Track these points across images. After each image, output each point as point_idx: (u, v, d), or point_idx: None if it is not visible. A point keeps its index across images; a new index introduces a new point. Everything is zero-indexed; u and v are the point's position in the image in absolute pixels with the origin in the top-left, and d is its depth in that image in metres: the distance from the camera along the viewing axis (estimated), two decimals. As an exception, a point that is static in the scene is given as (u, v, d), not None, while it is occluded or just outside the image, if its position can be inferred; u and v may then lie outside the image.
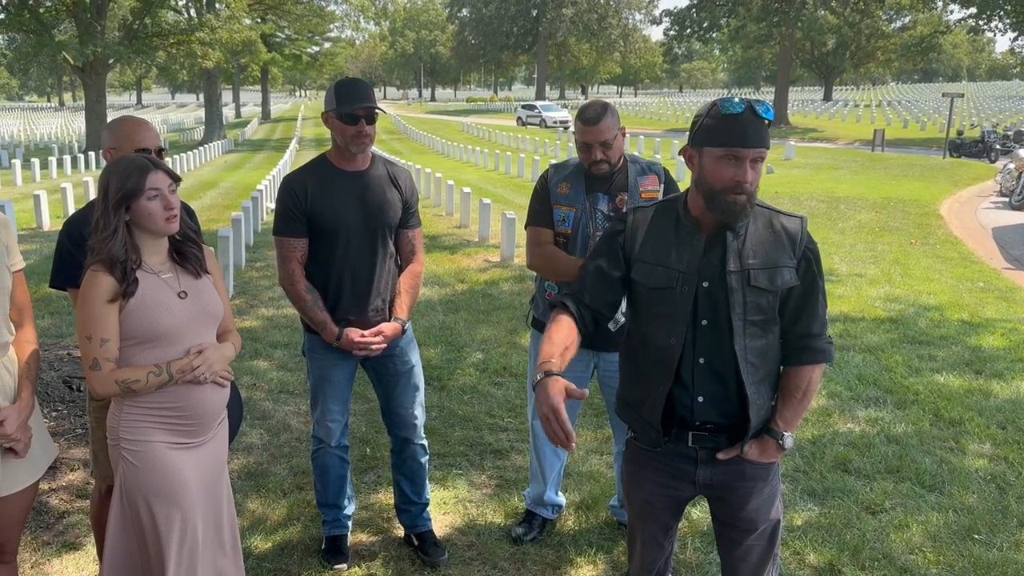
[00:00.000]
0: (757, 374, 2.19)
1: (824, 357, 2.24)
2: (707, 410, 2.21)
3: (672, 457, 2.30)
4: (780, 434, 2.23)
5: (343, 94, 3.09)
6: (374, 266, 3.26)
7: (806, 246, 2.19)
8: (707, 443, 2.25)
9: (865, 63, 59.37)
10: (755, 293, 2.14)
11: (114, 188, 2.35)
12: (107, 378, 2.36)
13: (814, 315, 2.21)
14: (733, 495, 2.30)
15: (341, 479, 3.51)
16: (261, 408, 5.20)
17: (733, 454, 2.24)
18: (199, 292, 2.52)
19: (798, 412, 2.24)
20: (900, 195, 17.48)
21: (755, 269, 2.14)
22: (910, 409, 5.31)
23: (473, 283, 9.11)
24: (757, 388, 2.20)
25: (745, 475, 2.28)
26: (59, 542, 3.64)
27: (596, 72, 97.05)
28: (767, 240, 2.17)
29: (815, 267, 2.19)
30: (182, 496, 2.48)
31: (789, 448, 2.24)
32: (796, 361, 2.22)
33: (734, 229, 2.15)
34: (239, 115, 73.06)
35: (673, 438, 2.27)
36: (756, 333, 2.17)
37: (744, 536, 2.35)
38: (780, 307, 2.20)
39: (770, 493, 2.32)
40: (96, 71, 33.99)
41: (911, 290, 8.82)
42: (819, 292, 2.21)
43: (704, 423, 2.23)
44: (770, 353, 2.22)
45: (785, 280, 2.16)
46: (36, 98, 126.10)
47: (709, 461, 2.27)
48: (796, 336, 2.22)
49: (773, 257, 2.16)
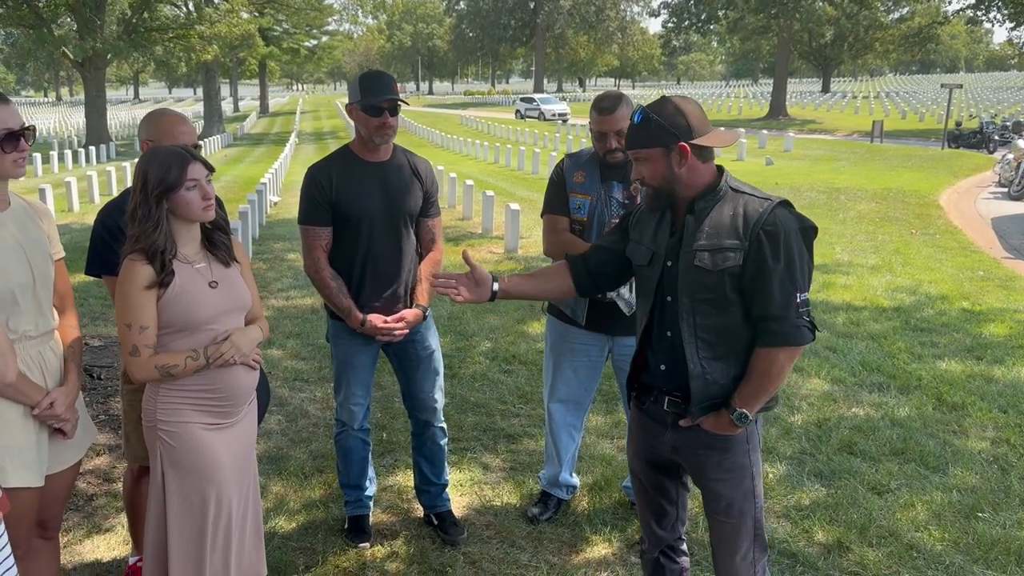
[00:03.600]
0: (713, 351, 2.33)
1: (783, 341, 2.25)
2: (665, 378, 2.44)
3: (652, 419, 2.52)
4: (733, 409, 2.33)
5: (367, 87, 3.19)
6: (396, 253, 3.36)
7: (761, 228, 2.24)
8: (677, 408, 2.43)
9: (863, 54, 59.29)
10: (699, 273, 2.30)
11: (154, 179, 2.41)
12: (146, 364, 2.45)
13: (768, 297, 2.25)
14: (693, 461, 2.48)
15: (363, 460, 3.62)
16: (278, 395, 5.30)
17: (688, 423, 2.41)
18: (229, 282, 2.60)
19: (756, 391, 2.31)
20: (899, 186, 17.57)
21: (700, 251, 2.29)
22: (913, 394, 5.42)
23: (479, 274, 9.19)
24: (708, 364, 2.33)
25: (702, 443, 2.43)
26: (89, 524, 3.74)
27: (594, 64, 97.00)
28: (721, 223, 2.29)
29: (767, 250, 2.23)
30: (216, 474, 2.58)
31: (742, 424, 2.33)
32: (758, 342, 2.31)
33: (695, 212, 2.33)
34: (237, 109, 72.97)
35: (654, 401, 2.48)
36: (709, 311, 2.31)
37: (713, 507, 2.50)
38: (740, 288, 2.29)
39: (732, 467, 2.42)
40: (95, 66, 34.00)
41: (912, 279, 8.93)
42: (772, 274, 2.23)
43: (672, 390, 2.42)
44: (734, 332, 2.32)
45: (728, 261, 2.26)
46: (33, 93, 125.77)
47: (675, 426, 2.45)
48: (755, 318, 2.30)
49: (720, 239, 2.28)
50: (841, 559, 3.50)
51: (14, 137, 2.31)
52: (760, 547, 2.53)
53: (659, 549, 2.71)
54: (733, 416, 2.34)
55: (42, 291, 2.44)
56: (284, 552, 3.51)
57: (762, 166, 22.93)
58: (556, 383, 3.68)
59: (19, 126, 2.32)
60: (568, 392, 3.68)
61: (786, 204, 2.32)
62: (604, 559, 3.51)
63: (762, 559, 2.54)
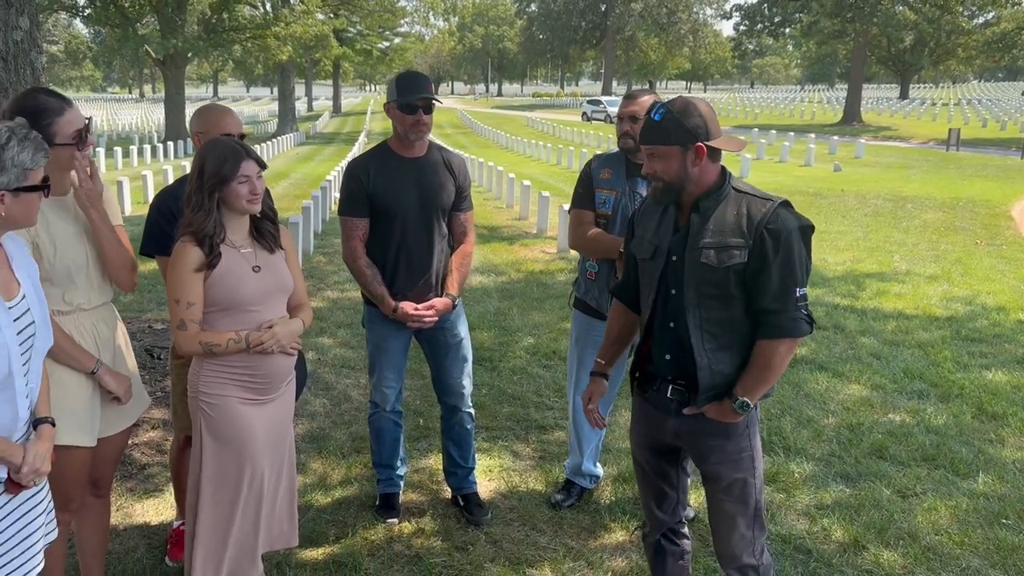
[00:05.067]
0: (717, 342, 2.45)
1: (782, 333, 2.40)
2: (670, 368, 2.55)
3: (655, 407, 2.63)
4: (735, 398, 2.45)
5: (403, 86, 3.38)
6: (428, 245, 3.54)
7: (764, 227, 2.37)
8: (680, 397, 2.54)
9: (945, 60, 57.53)
10: (705, 269, 2.42)
11: (210, 171, 2.63)
12: (192, 338, 2.68)
13: (770, 291, 2.38)
14: (696, 446, 2.59)
15: (395, 441, 3.81)
16: (325, 380, 5.56)
17: (693, 412, 2.52)
18: (272, 267, 2.81)
19: (757, 381, 2.44)
20: (970, 195, 17.10)
21: (707, 248, 2.41)
22: (953, 402, 5.38)
23: (528, 272, 9.37)
24: (714, 355, 2.46)
25: (705, 430, 2.54)
26: (141, 489, 4.03)
27: (664, 67, 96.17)
28: (727, 222, 2.42)
29: (770, 248, 2.36)
30: (251, 444, 2.79)
31: (743, 412, 2.46)
32: (759, 335, 2.44)
33: (700, 211, 2.45)
34: (311, 109, 74.73)
35: (657, 389, 2.60)
36: (714, 306, 2.44)
37: (714, 488, 2.61)
38: (744, 284, 2.41)
39: (734, 451, 2.55)
40: (176, 64, 35.31)
41: (970, 289, 8.76)
42: (773, 270, 2.36)
43: (676, 379, 2.54)
44: (736, 325, 2.45)
45: (734, 258, 2.39)
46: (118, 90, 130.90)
47: (678, 414, 2.56)
48: (756, 311, 2.43)
49: (726, 238, 2.40)
50: (856, 557, 3.55)
51: (82, 136, 2.57)
52: (760, 526, 2.64)
53: (660, 532, 2.83)
54: (736, 405, 2.45)
55: (95, 269, 2.69)
56: (317, 524, 3.73)
57: (829, 172, 22.54)
58: (580, 375, 3.82)
59: (81, 125, 2.58)
60: None
61: (787, 204, 2.45)
62: (620, 545, 3.63)
63: (761, 537, 2.65)
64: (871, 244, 11.49)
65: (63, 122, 2.53)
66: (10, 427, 2.12)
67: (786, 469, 4.35)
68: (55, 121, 2.51)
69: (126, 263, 2.76)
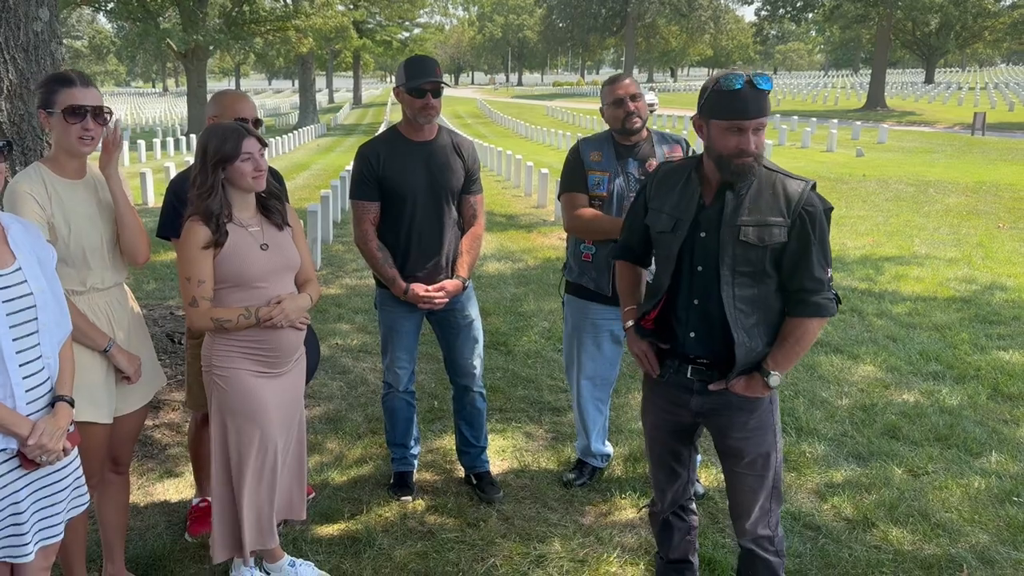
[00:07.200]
0: (748, 320, 2.45)
1: (817, 311, 2.42)
2: (696, 345, 2.52)
3: (673, 387, 2.61)
4: (768, 372, 2.47)
5: (411, 71, 3.43)
6: (439, 227, 3.59)
7: (803, 207, 2.38)
8: (703, 375, 2.53)
9: (971, 44, 56.67)
10: (743, 247, 2.40)
11: (212, 150, 2.73)
12: (204, 314, 2.76)
13: (808, 272, 2.40)
14: (720, 422, 2.58)
15: (408, 421, 3.88)
16: (342, 364, 5.64)
17: (721, 387, 2.52)
18: (279, 244, 2.89)
19: (789, 356, 2.46)
20: (995, 179, 16.89)
21: (746, 226, 2.39)
22: (969, 384, 5.36)
23: (544, 259, 9.41)
24: (748, 332, 2.45)
25: (731, 406, 2.55)
26: (161, 469, 4.13)
27: (686, 54, 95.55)
28: (765, 200, 2.40)
29: (810, 228, 2.38)
30: (261, 416, 2.87)
31: (774, 386, 2.48)
32: (792, 312, 2.46)
33: (734, 188, 2.40)
34: (332, 100, 75.04)
35: (675, 370, 2.57)
36: (746, 283, 2.43)
37: (734, 463, 2.62)
38: (777, 262, 2.42)
39: (757, 427, 2.57)
40: (198, 57, 35.56)
41: (990, 272, 8.68)
42: (813, 251, 2.39)
43: (697, 357, 2.52)
44: (765, 302, 2.46)
45: (775, 237, 2.38)
46: (142, 84, 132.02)
47: (702, 391, 2.56)
48: (792, 290, 2.44)
49: (766, 216, 2.39)
50: (865, 534, 3.57)
51: (77, 113, 2.62)
52: (777, 499, 2.67)
53: (672, 510, 2.87)
54: (768, 379, 2.47)
55: (109, 250, 2.77)
56: (333, 501, 3.80)
57: (852, 157, 22.34)
58: (583, 359, 3.85)
59: (90, 104, 2.64)
60: (595, 368, 3.85)
61: (814, 186, 2.46)
62: (630, 522, 3.68)
63: (778, 510, 2.69)
64: (891, 228, 11.40)
65: (65, 93, 2.61)
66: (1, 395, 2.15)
67: (797, 449, 4.37)
68: (59, 91, 2.61)
69: (143, 228, 2.86)
